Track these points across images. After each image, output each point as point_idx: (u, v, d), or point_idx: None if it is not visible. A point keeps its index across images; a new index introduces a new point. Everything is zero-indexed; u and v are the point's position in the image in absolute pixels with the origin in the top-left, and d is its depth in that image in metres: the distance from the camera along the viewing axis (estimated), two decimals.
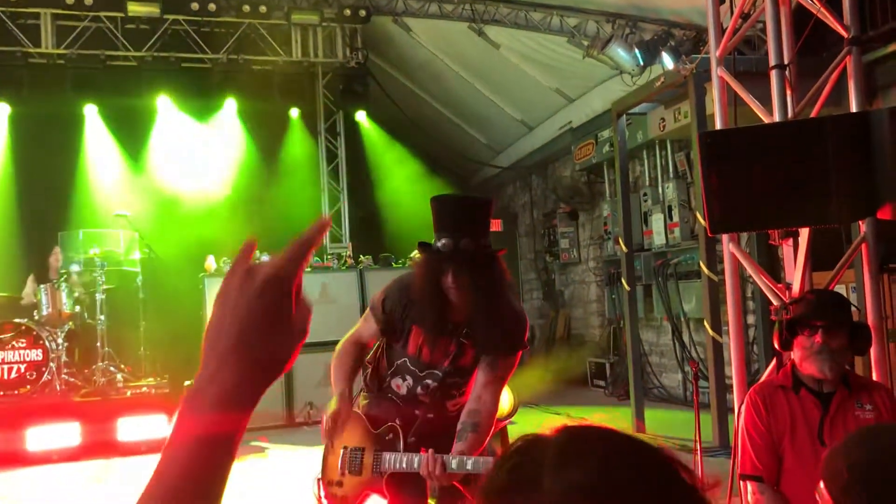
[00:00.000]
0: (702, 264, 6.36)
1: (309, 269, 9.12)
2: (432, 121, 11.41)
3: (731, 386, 4.53)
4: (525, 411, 6.30)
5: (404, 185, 10.66)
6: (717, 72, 4.57)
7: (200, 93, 9.82)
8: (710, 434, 6.01)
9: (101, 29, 9.40)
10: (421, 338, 3.10)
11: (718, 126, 4.46)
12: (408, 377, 3.14)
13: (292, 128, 10.51)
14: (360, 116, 10.91)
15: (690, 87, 6.39)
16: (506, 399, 5.56)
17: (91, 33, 9.40)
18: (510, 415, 5.37)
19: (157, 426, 7.46)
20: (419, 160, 10.78)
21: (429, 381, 3.10)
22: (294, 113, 10.48)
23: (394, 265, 9.37)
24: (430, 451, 2.81)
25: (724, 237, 4.48)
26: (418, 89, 11.22)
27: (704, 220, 4.45)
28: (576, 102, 9.66)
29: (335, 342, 9.36)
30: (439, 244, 2.95)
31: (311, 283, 8.98)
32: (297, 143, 10.49)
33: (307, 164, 10.52)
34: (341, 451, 3.15)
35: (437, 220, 3.02)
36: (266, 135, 10.41)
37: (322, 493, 3.22)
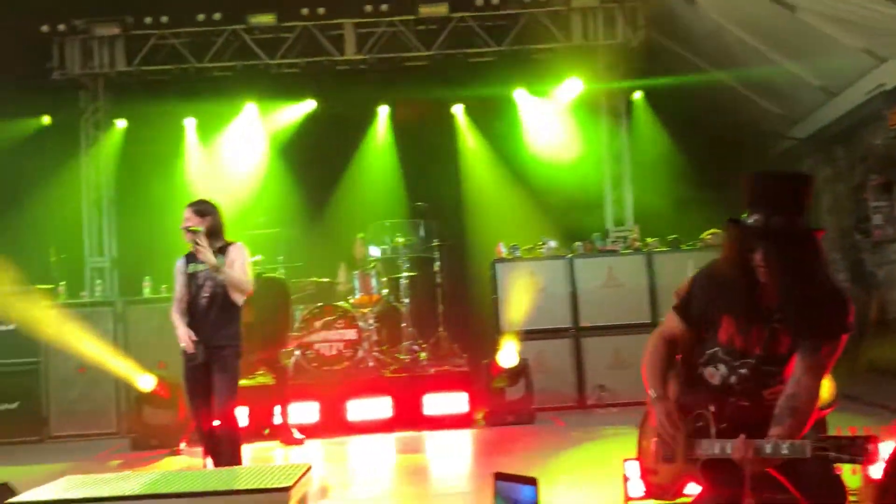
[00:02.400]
0: None
1: (595, 253, 9.16)
2: (720, 94, 10.85)
3: None
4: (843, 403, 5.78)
5: (690, 163, 10.28)
6: None
7: (487, 85, 10.20)
8: None
9: (395, 32, 10.14)
10: (732, 325, 3.00)
11: None
12: (721, 366, 3.05)
13: (574, 111, 10.55)
14: (641, 94, 10.68)
15: None
16: (825, 387, 5.16)
17: (387, 37, 10.17)
18: (831, 405, 4.97)
19: (459, 403, 7.93)
20: (706, 137, 10.31)
21: (743, 371, 2.99)
22: (575, 96, 10.51)
23: (682, 247, 9.09)
24: (742, 435, 2.74)
25: None
26: (704, 62, 10.72)
27: None
28: (889, 63, 8.65)
29: (623, 326, 9.25)
30: (750, 221, 2.85)
31: (597, 267, 9.01)
32: (580, 126, 10.50)
33: (589, 146, 10.50)
34: (654, 439, 3.14)
35: (749, 196, 2.91)
36: (549, 120, 10.56)
37: (637, 476, 3.24)
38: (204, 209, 5.29)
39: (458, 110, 10.89)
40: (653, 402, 3.06)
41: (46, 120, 10.34)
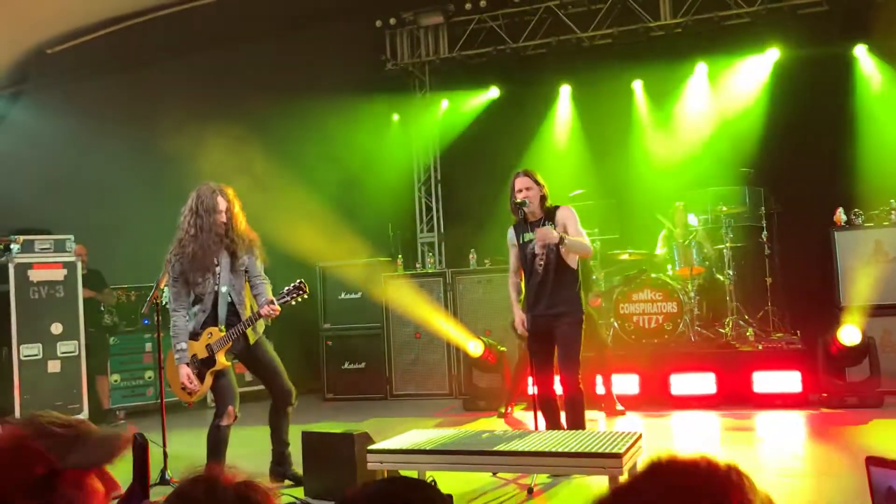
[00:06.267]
0: None
1: None
2: None
3: None
4: None
5: None
6: None
7: (818, 41, 9.26)
8: None
9: None
10: None
11: None
12: None
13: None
14: None
15: None
16: None
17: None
18: None
19: (791, 382, 7.39)
20: None
21: None
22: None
23: None
24: None
25: None
26: None
27: None
28: None
29: None
30: None
31: None
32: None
33: None
34: None
35: None
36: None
37: None
38: (537, 176, 5.42)
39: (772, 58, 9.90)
40: None
41: (391, 112, 11.26)
